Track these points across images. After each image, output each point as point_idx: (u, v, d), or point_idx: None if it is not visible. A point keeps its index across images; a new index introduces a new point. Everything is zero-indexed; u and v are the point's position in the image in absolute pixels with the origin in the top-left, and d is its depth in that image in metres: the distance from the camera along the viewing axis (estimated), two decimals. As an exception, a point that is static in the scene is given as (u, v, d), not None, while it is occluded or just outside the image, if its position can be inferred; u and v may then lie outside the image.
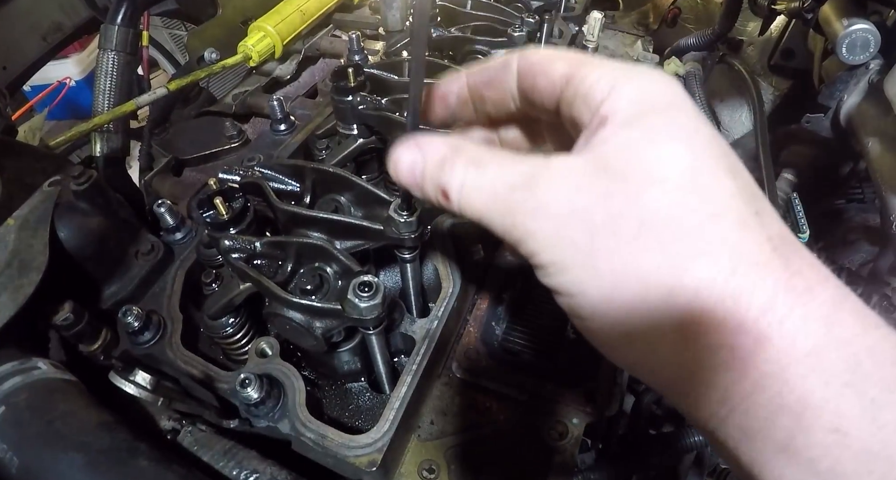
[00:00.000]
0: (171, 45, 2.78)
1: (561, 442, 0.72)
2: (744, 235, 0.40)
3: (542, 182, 0.42)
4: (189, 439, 0.73)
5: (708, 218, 0.40)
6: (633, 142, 0.42)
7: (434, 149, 0.47)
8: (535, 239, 0.43)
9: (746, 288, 0.38)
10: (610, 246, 0.41)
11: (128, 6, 1.19)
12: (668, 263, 0.40)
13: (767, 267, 0.39)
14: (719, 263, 0.39)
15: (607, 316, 0.42)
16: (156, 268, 0.89)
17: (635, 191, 0.41)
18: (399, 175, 0.49)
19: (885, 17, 1.33)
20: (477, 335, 0.83)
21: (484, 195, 0.45)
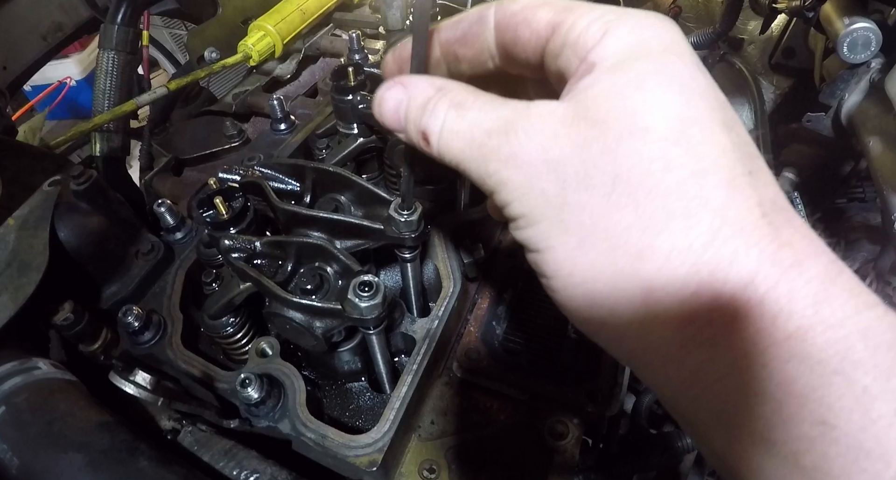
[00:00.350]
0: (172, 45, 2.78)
1: (561, 442, 0.72)
2: (731, 197, 0.36)
3: (519, 128, 0.40)
4: (189, 439, 0.73)
5: (692, 175, 0.36)
6: (619, 88, 0.38)
7: (419, 89, 0.45)
8: (507, 188, 0.41)
9: (726, 257, 0.35)
10: (581, 200, 0.38)
11: (128, 6, 1.19)
12: (640, 224, 0.36)
13: (753, 235, 0.35)
14: (698, 227, 0.35)
15: (571, 275, 0.40)
16: (156, 268, 0.89)
17: (614, 140, 0.37)
18: (383, 115, 0.47)
19: (887, 16, 1.33)
20: (477, 334, 0.83)
21: (462, 139, 0.42)
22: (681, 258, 0.35)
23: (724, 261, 0.35)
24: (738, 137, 0.38)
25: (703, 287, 0.35)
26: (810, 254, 0.35)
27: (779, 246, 0.35)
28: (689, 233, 0.35)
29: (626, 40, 0.40)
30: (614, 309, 0.38)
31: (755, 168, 0.38)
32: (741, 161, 0.37)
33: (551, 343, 0.84)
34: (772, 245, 0.35)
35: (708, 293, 0.35)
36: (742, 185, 0.36)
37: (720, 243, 0.35)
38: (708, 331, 0.35)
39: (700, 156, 0.36)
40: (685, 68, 0.39)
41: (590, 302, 0.39)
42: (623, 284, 0.37)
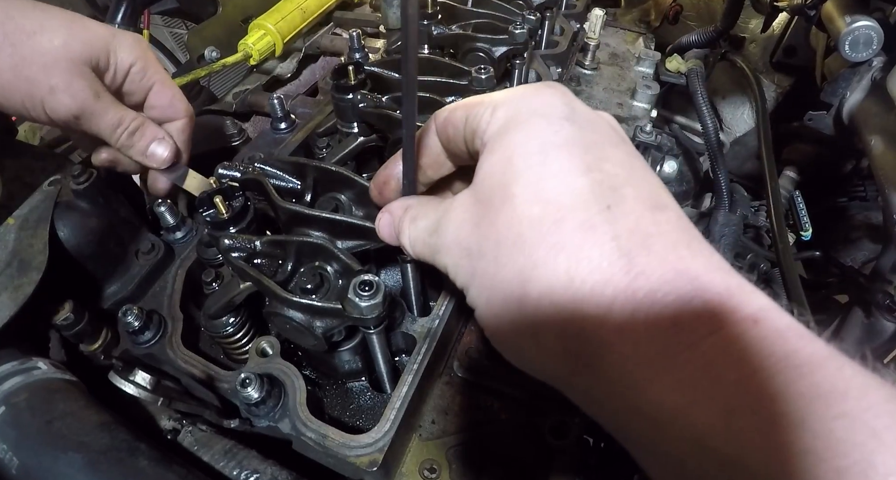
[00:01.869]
0: (172, 44, 2.78)
1: (563, 441, 0.72)
2: (584, 239, 0.40)
3: (441, 226, 0.51)
4: (189, 439, 0.73)
5: (550, 225, 0.41)
6: (495, 165, 0.46)
7: (396, 212, 0.59)
8: (448, 270, 0.52)
9: (584, 295, 0.39)
10: (481, 267, 0.46)
11: (128, 5, 1.19)
12: (517, 277, 0.43)
13: (608, 269, 0.39)
14: (557, 272, 0.41)
15: (489, 323, 0.48)
16: (156, 268, 0.88)
17: (493, 213, 0.45)
18: (383, 237, 0.62)
19: (888, 14, 1.33)
20: (478, 334, 0.83)
21: (419, 243, 0.55)
22: (549, 299, 0.41)
23: (583, 299, 0.39)
24: (601, 174, 0.43)
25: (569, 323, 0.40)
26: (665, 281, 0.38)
27: (632, 279, 0.39)
28: (551, 278, 0.41)
29: (503, 116, 0.48)
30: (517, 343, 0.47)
31: (615, 200, 0.42)
32: (598, 199, 0.42)
33: (552, 342, 0.84)
34: (624, 278, 0.39)
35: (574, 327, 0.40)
36: (596, 224, 0.41)
37: (579, 282, 0.40)
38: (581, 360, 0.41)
39: (556, 206, 0.42)
40: (548, 126, 0.45)
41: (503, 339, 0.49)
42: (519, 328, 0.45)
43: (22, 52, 0.75)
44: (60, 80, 0.76)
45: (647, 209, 0.42)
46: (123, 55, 0.83)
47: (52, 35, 0.76)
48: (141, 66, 0.85)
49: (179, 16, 1.83)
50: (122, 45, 0.83)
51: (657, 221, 0.42)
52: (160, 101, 0.89)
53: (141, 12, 1.25)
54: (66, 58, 0.76)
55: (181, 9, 1.58)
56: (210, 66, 1.29)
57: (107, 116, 0.81)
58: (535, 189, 0.43)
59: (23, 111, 0.78)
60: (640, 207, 0.42)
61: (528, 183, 0.43)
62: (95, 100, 0.79)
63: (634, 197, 0.42)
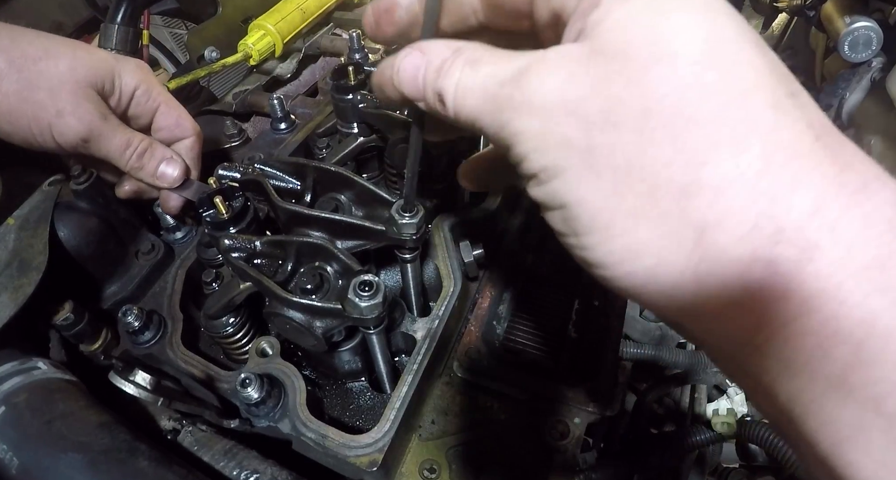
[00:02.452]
0: (172, 44, 2.78)
1: (562, 442, 0.72)
2: (779, 119, 0.32)
3: (532, 73, 0.36)
4: (189, 439, 0.73)
5: (732, 99, 0.32)
6: (635, 16, 0.34)
7: (436, 52, 0.42)
8: (522, 139, 0.37)
9: (785, 184, 0.31)
10: (610, 140, 0.34)
11: (128, 5, 1.19)
12: (682, 158, 0.32)
13: (811, 158, 0.31)
14: (748, 154, 0.31)
15: (609, 226, 0.35)
16: (156, 268, 0.88)
17: (639, 71, 0.33)
18: (402, 83, 0.44)
19: (887, 15, 1.33)
20: (478, 334, 0.83)
21: (475, 94, 0.39)
22: (734, 189, 0.31)
23: (784, 189, 0.31)
24: (773, 57, 0.35)
25: (764, 219, 0.31)
26: (875, 177, 0.32)
27: (840, 169, 0.31)
28: (740, 162, 0.31)
29: None
30: (662, 257, 0.34)
31: (796, 89, 0.34)
32: (781, 82, 0.34)
33: (552, 342, 0.84)
34: (833, 167, 0.31)
35: (770, 226, 0.31)
36: (788, 107, 0.33)
37: (777, 169, 0.31)
38: (775, 267, 0.31)
39: (738, 78, 0.33)
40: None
41: (633, 254, 0.35)
42: (670, 228, 0.33)
43: (28, 76, 0.76)
44: (67, 103, 0.77)
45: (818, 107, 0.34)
46: (127, 79, 0.84)
47: (57, 60, 0.77)
48: (145, 88, 0.86)
49: (179, 16, 1.82)
50: (125, 69, 0.84)
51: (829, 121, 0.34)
52: (167, 122, 0.90)
53: (141, 12, 1.24)
54: (72, 81, 0.77)
55: (181, 9, 1.58)
56: (210, 67, 1.29)
57: (115, 138, 0.82)
58: (707, 49, 0.33)
59: (29, 137, 0.78)
60: (814, 102, 0.35)
61: (697, 40, 0.33)
62: (103, 122, 0.80)
63: (804, 91, 0.35)
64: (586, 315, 0.88)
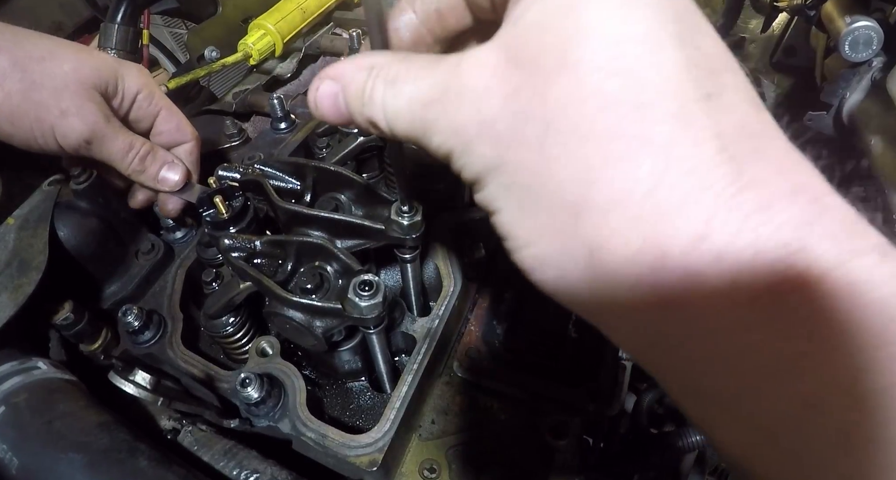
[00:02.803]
0: (172, 44, 2.78)
1: (562, 442, 0.72)
2: (678, 132, 0.30)
3: (451, 92, 0.36)
4: (189, 439, 0.73)
5: (632, 109, 0.30)
6: (550, 14, 0.33)
7: (350, 76, 0.41)
8: (453, 157, 0.38)
9: (673, 205, 0.29)
10: (516, 159, 0.34)
11: (128, 5, 1.19)
12: (575, 176, 0.32)
13: (707, 176, 0.29)
14: (639, 172, 0.30)
15: (519, 238, 0.36)
16: (156, 268, 0.88)
17: (543, 83, 0.32)
18: (324, 115, 0.43)
19: (888, 15, 1.33)
20: (478, 334, 0.83)
21: (405, 118, 0.39)
22: (619, 211, 0.31)
23: (671, 211, 0.29)
24: (697, 51, 0.32)
25: (649, 243, 0.30)
26: (783, 194, 0.29)
27: (738, 189, 0.29)
28: (628, 179, 0.30)
29: None
30: (562, 271, 0.35)
31: (716, 88, 0.31)
32: (696, 83, 0.31)
33: (552, 342, 0.84)
34: (730, 187, 0.29)
35: (654, 251, 0.30)
36: (695, 115, 0.30)
37: (666, 190, 0.29)
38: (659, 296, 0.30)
39: (641, 84, 0.31)
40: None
41: (540, 264, 0.36)
42: (565, 245, 0.34)
43: (32, 77, 0.75)
44: (71, 103, 0.77)
45: (752, 104, 0.32)
46: (130, 82, 0.85)
47: (61, 61, 0.77)
48: (147, 92, 0.87)
49: (179, 16, 1.82)
50: (128, 73, 0.85)
51: (763, 120, 0.32)
52: (167, 126, 0.90)
53: (141, 12, 1.24)
54: (76, 82, 0.77)
55: (181, 9, 1.58)
56: (210, 66, 1.29)
57: (117, 141, 0.82)
58: (612, 54, 0.31)
59: (31, 139, 0.78)
60: (744, 101, 0.32)
61: (603, 44, 0.31)
62: (106, 124, 0.80)
63: (735, 87, 0.33)
64: (586, 314, 0.87)
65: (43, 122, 0.77)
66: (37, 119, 0.76)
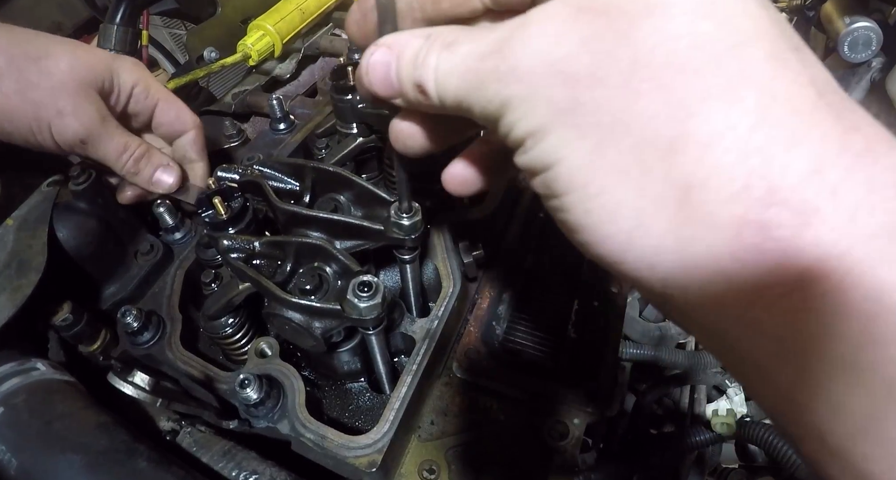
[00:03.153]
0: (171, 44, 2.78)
1: (562, 442, 0.72)
2: (778, 72, 0.29)
3: (515, 40, 0.34)
4: (188, 440, 0.73)
5: (728, 49, 0.30)
6: None
7: (405, 44, 0.40)
8: (509, 109, 0.35)
9: (782, 141, 0.28)
10: (595, 97, 0.31)
11: (127, 5, 1.19)
12: (669, 110, 0.30)
13: (812, 115, 0.28)
14: (741, 106, 0.29)
15: (587, 185, 0.33)
16: (155, 268, 0.88)
17: (628, 24, 0.31)
18: (373, 84, 0.42)
19: (887, 15, 1.33)
20: (477, 334, 0.83)
21: (457, 75, 0.37)
22: (723, 144, 0.29)
23: (779, 146, 0.28)
24: (775, 13, 0.32)
25: (756, 178, 0.28)
26: (881, 139, 0.29)
27: (844, 130, 0.28)
28: (731, 114, 0.29)
29: None
30: (641, 219, 0.31)
31: (799, 45, 0.31)
32: (784, 35, 0.31)
33: (552, 343, 0.84)
34: (835, 127, 0.28)
35: (763, 186, 0.28)
36: (790, 61, 0.30)
37: (772, 125, 0.28)
38: (769, 233, 0.28)
39: (735, 28, 0.30)
40: None
41: (609, 215, 0.33)
42: (652, 186, 0.31)
43: (28, 76, 0.76)
44: (68, 102, 0.77)
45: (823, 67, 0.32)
46: (125, 76, 0.85)
47: (57, 59, 0.77)
48: (143, 85, 0.87)
49: (178, 16, 1.83)
50: (123, 67, 0.85)
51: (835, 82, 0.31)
52: (167, 117, 0.91)
53: (140, 13, 1.24)
54: (72, 81, 0.77)
55: (180, 9, 1.58)
56: (209, 67, 1.29)
57: (112, 141, 0.82)
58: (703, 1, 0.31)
59: (29, 137, 0.79)
60: (819, 62, 0.32)
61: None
62: (102, 124, 0.80)
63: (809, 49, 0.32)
64: (586, 315, 0.87)
65: (41, 121, 0.77)
66: (35, 117, 0.77)
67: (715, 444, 1.13)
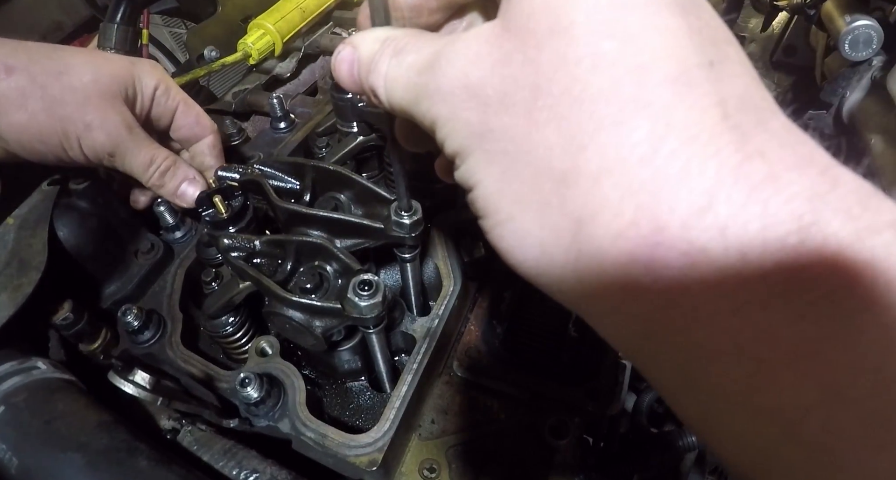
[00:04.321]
0: (171, 44, 2.78)
1: (562, 441, 0.72)
2: (680, 96, 0.28)
3: (443, 58, 0.35)
4: (189, 438, 0.73)
5: (628, 72, 0.28)
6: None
7: (366, 45, 0.41)
8: (438, 125, 0.36)
9: (673, 174, 0.27)
10: (502, 124, 0.32)
11: (127, 4, 1.19)
12: (563, 142, 0.29)
13: (709, 144, 0.27)
14: (634, 137, 0.28)
15: (498, 212, 0.34)
16: (155, 267, 0.88)
17: (534, 47, 0.30)
18: (341, 80, 0.43)
19: (888, 14, 1.33)
20: (478, 333, 0.83)
21: (400, 86, 0.38)
22: (612, 179, 0.28)
23: (671, 179, 0.27)
24: (698, 20, 0.30)
25: (643, 215, 0.27)
26: (791, 166, 0.26)
27: (745, 157, 0.26)
28: (621, 147, 0.28)
29: None
30: (544, 248, 0.32)
31: (718, 57, 0.30)
32: (698, 49, 0.29)
33: (552, 341, 0.84)
34: (735, 155, 0.26)
35: (649, 224, 0.27)
36: (697, 80, 0.28)
37: (665, 156, 0.27)
38: (655, 275, 0.27)
39: (639, 47, 0.29)
40: None
41: (520, 241, 0.34)
42: (550, 218, 0.31)
43: (53, 93, 0.75)
44: (95, 116, 0.77)
45: (752, 78, 0.30)
46: (147, 80, 0.85)
47: (79, 73, 0.77)
48: (164, 88, 0.87)
49: (179, 15, 1.83)
50: (143, 71, 0.84)
51: (763, 94, 0.30)
52: (187, 120, 0.91)
53: (140, 11, 1.24)
54: (97, 93, 0.77)
55: (180, 8, 1.58)
56: (209, 66, 1.29)
57: (140, 154, 0.82)
58: (607, 17, 0.29)
59: (61, 153, 0.79)
60: (746, 74, 0.30)
61: (598, 7, 0.29)
62: (129, 135, 0.80)
63: (737, 59, 0.31)
64: (586, 314, 0.87)
65: (69, 136, 0.77)
66: (64, 133, 0.77)
67: (715, 443, 1.13)
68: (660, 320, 0.28)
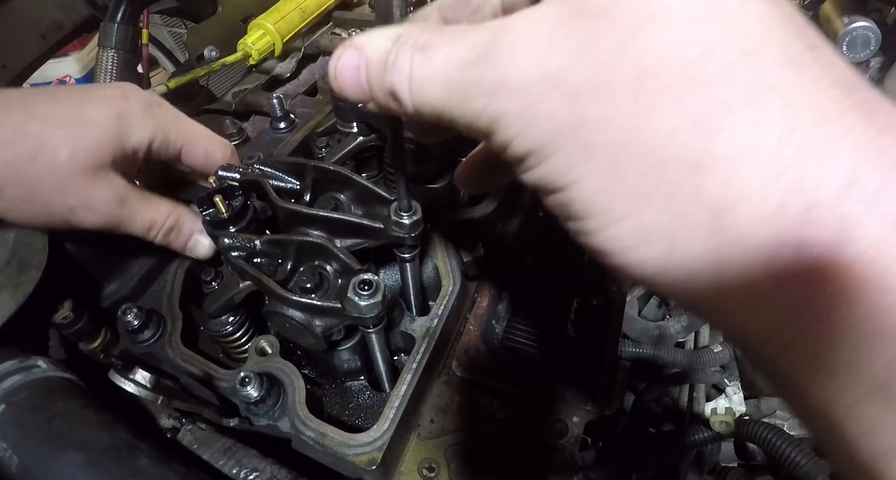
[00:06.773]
0: (171, 43, 2.78)
1: (561, 441, 0.72)
2: (798, 77, 0.28)
3: (502, 47, 0.31)
4: (189, 437, 0.73)
5: (740, 57, 0.28)
6: None
7: (374, 45, 0.37)
8: (503, 124, 0.32)
9: (813, 152, 0.26)
10: (602, 113, 0.29)
11: (127, 4, 1.19)
12: (688, 125, 0.28)
13: (842, 120, 0.27)
14: (766, 119, 0.27)
15: (610, 210, 0.31)
16: (156, 266, 0.89)
17: (629, 31, 0.29)
18: (343, 88, 0.39)
19: (885, 15, 1.33)
20: (477, 333, 0.83)
21: (436, 84, 0.34)
22: (753, 161, 0.27)
23: (812, 158, 0.26)
24: (785, 8, 0.30)
25: (791, 195, 0.26)
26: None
27: (877, 132, 0.26)
28: (758, 127, 0.27)
29: None
30: (675, 243, 0.30)
31: (814, 43, 0.29)
32: (797, 35, 0.29)
33: (551, 341, 0.84)
34: (868, 130, 0.26)
35: (799, 203, 0.26)
36: (807, 63, 0.28)
37: (802, 135, 0.26)
38: (805, 251, 0.26)
39: (744, 34, 0.28)
40: None
41: (641, 240, 0.31)
42: (682, 210, 0.29)
43: (29, 180, 0.68)
44: (77, 199, 0.71)
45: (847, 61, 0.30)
46: (139, 135, 0.75)
47: (55, 150, 0.68)
48: (161, 138, 0.78)
49: (179, 15, 1.82)
50: (133, 126, 0.74)
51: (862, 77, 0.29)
52: (195, 160, 0.83)
53: (140, 11, 1.25)
54: (78, 171, 0.70)
55: (180, 8, 1.58)
56: (209, 66, 1.29)
57: (136, 222, 0.77)
58: (706, 7, 0.29)
59: (57, 228, 0.75)
60: (841, 57, 0.30)
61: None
62: (121, 209, 0.75)
63: (827, 44, 0.30)
64: (585, 314, 0.88)
65: (55, 219, 0.72)
66: (49, 217, 0.72)
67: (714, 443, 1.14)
68: (808, 304, 0.27)
